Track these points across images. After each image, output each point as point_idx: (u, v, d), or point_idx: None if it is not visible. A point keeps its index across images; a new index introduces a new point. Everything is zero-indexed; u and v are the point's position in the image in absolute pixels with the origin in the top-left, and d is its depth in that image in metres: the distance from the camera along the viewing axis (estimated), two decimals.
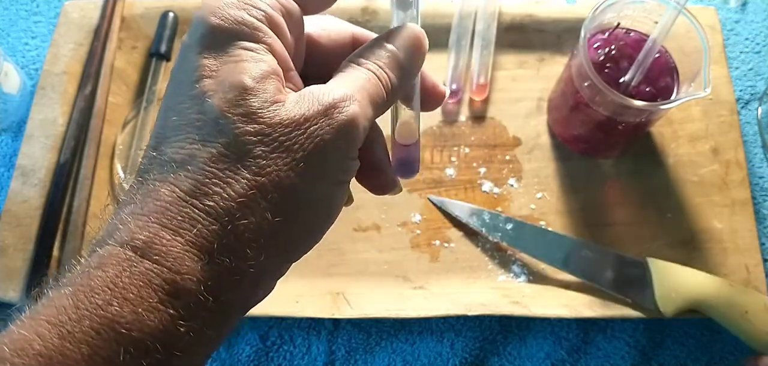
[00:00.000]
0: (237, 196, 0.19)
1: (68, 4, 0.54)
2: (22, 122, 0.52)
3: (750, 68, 0.54)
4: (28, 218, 0.47)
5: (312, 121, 0.19)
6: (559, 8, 0.54)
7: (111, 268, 0.18)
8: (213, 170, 0.19)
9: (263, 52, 0.20)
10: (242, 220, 0.19)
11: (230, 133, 0.19)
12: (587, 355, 0.45)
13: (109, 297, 0.17)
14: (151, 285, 0.17)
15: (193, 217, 0.18)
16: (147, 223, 0.18)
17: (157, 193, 0.19)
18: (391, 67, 0.22)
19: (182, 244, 0.18)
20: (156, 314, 0.17)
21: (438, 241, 0.47)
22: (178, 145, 0.19)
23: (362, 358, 0.45)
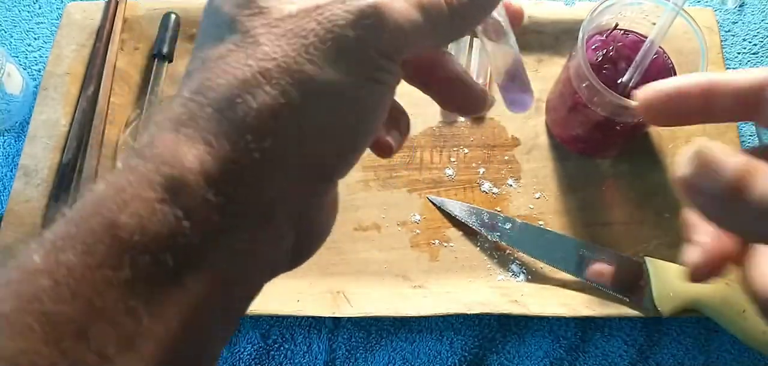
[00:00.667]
0: (239, 82, 0.17)
1: (71, 5, 0.55)
2: (24, 123, 0.53)
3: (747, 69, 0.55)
4: (31, 218, 0.47)
5: (325, 7, 0.18)
6: (557, 10, 0.54)
7: (115, 176, 0.17)
8: (219, 64, 0.18)
9: None
10: (247, 104, 0.17)
11: (239, 29, 0.18)
12: (585, 353, 0.45)
13: (110, 203, 0.16)
14: (150, 185, 0.16)
15: (195, 112, 0.18)
16: (155, 130, 0.18)
17: (171, 102, 0.18)
18: None
19: (183, 139, 0.17)
20: (158, 216, 0.16)
21: (437, 240, 0.48)
22: (195, 56, 0.19)
23: (362, 356, 0.45)
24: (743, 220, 0.18)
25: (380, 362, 0.45)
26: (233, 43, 0.18)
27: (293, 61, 0.18)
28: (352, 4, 0.18)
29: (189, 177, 0.17)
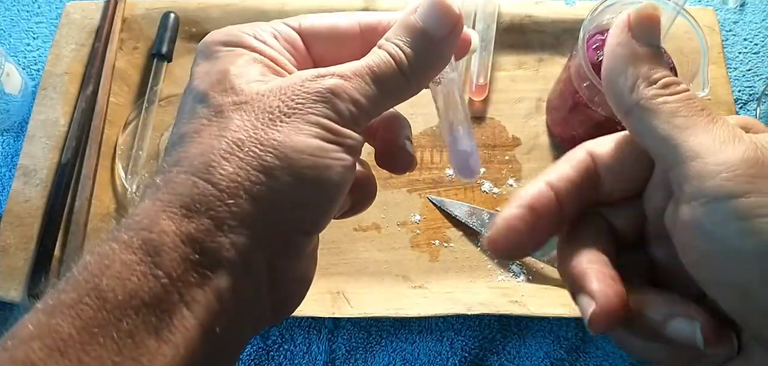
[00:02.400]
0: (213, 151, 0.20)
1: (69, 5, 0.54)
2: (23, 123, 0.53)
3: (748, 69, 0.54)
4: (30, 218, 0.47)
5: (289, 88, 0.21)
6: (558, 9, 0.54)
7: (101, 245, 0.19)
8: (194, 138, 0.20)
9: (249, 51, 0.22)
10: (219, 170, 0.19)
11: (212, 105, 0.21)
12: (586, 354, 0.45)
13: (95, 268, 0.18)
14: (130, 250, 0.18)
15: (172, 179, 0.20)
16: (138, 203, 0.20)
17: (153, 176, 0.20)
18: (406, 39, 0.22)
19: (160, 205, 0.19)
20: (138, 276, 0.18)
21: (437, 240, 0.48)
22: (173, 133, 0.22)
23: (362, 356, 0.45)
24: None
25: (380, 363, 0.45)
26: (207, 119, 0.21)
27: (262, 133, 0.20)
28: (311, 85, 0.21)
29: (165, 238, 0.18)
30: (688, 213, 0.20)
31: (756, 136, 0.20)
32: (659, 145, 0.21)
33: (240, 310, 0.20)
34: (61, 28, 0.53)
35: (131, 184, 0.49)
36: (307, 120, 0.20)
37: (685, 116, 0.20)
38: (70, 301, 0.17)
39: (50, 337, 0.17)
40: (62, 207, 0.47)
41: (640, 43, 0.22)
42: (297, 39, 0.24)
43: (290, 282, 0.23)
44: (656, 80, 0.21)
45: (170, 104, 0.53)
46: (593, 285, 0.21)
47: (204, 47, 0.23)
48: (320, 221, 0.22)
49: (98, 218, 0.48)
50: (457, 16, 0.22)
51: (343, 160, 0.21)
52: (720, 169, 0.19)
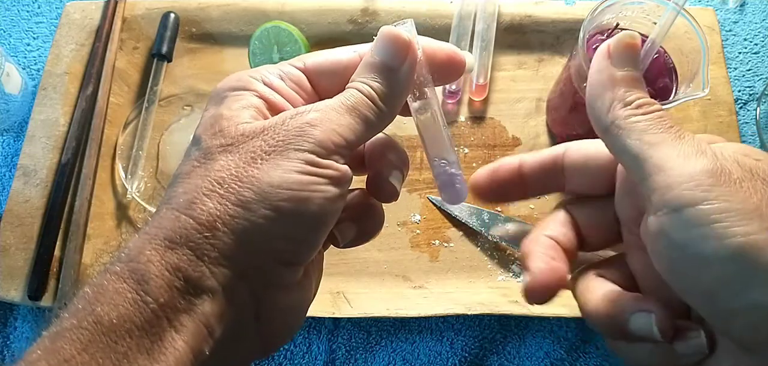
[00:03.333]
0: (197, 190, 0.21)
1: (70, 5, 0.54)
2: (23, 122, 0.53)
3: (748, 69, 0.54)
4: (30, 218, 0.47)
5: (271, 127, 0.22)
6: (558, 9, 0.54)
7: (99, 278, 0.21)
8: (184, 179, 0.22)
9: (249, 95, 0.24)
10: (200, 206, 0.21)
11: (203, 148, 0.23)
12: (586, 354, 0.45)
13: (92, 297, 0.20)
14: (122, 280, 0.20)
15: (160, 217, 0.22)
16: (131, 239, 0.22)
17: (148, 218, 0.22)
18: (370, 75, 0.24)
19: (147, 239, 0.21)
20: (130, 304, 0.19)
21: (438, 240, 0.48)
22: (174, 174, 0.23)
23: (362, 356, 0.45)
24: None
25: (380, 363, 0.45)
26: (197, 161, 0.23)
27: (243, 170, 0.21)
28: (291, 123, 0.22)
29: (151, 267, 0.20)
30: (655, 223, 0.21)
31: (719, 148, 0.21)
32: (630, 160, 0.22)
33: (226, 338, 0.21)
34: (61, 28, 0.53)
35: (131, 184, 0.49)
36: (287, 156, 0.22)
37: (655, 133, 0.22)
38: (70, 326, 0.19)
39: (54, 357, 0.18)
40: (62, 207, 0.47)
41: (618, 69, 0.24)
42: (302, 78, 0.26)
43: (278, 313, 0.24)
44: (630, 101, 0.23)
45: (170, 104, 0.53)
46: (534, 262, 0.25)
47: (214, 93, 0.25)
48: (302, 253, 0.23)
49: (98, 218, 0.48)
50: (406, 42, 0.24)
51: (325, 191, 0.22)
52: (681, 180, 0.20)
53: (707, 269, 0.20)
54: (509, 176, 0.28)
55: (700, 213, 0.19)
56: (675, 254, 0.21)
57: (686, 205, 0.20)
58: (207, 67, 0.54)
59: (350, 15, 0.54)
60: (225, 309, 0.21)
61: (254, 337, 0.23)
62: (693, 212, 0.20)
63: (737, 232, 0.19)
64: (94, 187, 0.48)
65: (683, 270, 0.21)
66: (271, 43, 0.51)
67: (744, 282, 0.19)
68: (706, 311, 0.21)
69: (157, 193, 0.49)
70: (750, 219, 0.19)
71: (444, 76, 0.26)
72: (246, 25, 0.54)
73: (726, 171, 0.20)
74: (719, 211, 0.19)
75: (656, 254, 0.22)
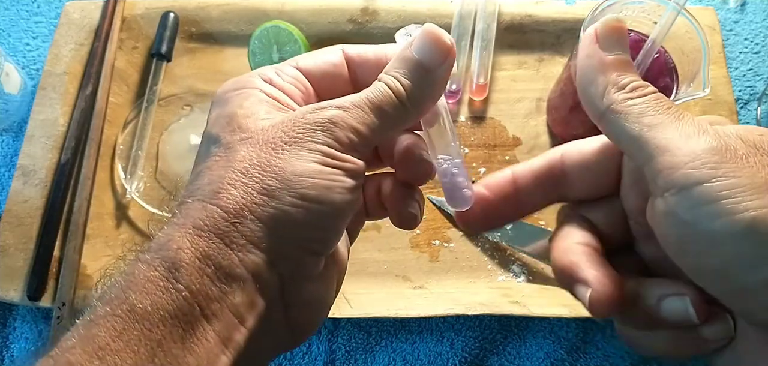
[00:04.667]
0: (222, 181, 0.22)
1: (69, 5, 0.54)
2: (23, 122, 0.53)
3: (749, 69, 0.54)
4: (29, 218, 0.47)
5: (290, 121, 0.23)
6: (558, 9, 0.54)
7: (129, 266, 0.21)
8: (206, 172, 0.23)
9: (257, 93, 0.24)
10: (226, 195, 0.21)
11: (222, 143, 0.23)
12: (586, 354, 0.45)
13: (124, 286, 0.20)
14: (154, 268, 0.20)
15: (186, 206, 0.22)
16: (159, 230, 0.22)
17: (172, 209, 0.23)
18: (403, 71, 0.24)
19: (176, 227, 0.21)
20: (162, 291, 0.20)
21: (438, 240, 0.48)
22: (192, 171, 0.24)
23: (362, 357, 0.45)
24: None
25: (380, 363, 0.45)
26: (217, 155, 0.23)
27: (265, 161, 0.22)
28: (312, 117, 0.23)
29: (182, 255, 0.20)
30: (662, 205, 0.21)
31: (720, 127, 0.21)
32: (631, 144, 0.22)
33: (257, 328, 0.22)
34: (60, 28, 0.53)
35: (130, 184, 0.49)
36: (307, 147, 0.22)
37: (653, 115, 0.22)
38: (104, 313, 0.19)
39: (90, 345, 0.19)
40: (61, 207, 0.47)
41: (608, 52, 0.24)
42: (299, 75, 0.26)
43: (304, 305, 0.24)
44: (624, 85, 0.23)
45: (170, 104, 0.53)
46: (587, 272, 0.23)
47: (217, 97, 0.25)
48: (326, 240, 0.23)
49: (97, 218, 0.48)
50: (448, 46, 0.24)
51: (344, 182, 0.22)
52: (686, 159, 0.20)
53: (719, 247, 0.19)
54: (503, 195, 0.27)
55: (708, 190, 0.19)
56: (684, 234, 0.20)
57: (694, 183, 0.19)
58: (207, 67, 0.54)
59: (350, 14, 0.54)
60: (255, 298, 0.21)
61: (284, 327, 0.24)
62: (701, 190, 0.19)
63: (748, 207, 0.18)
64: (93, 187, 0.48)
65: (694, 250, 0.20)
66: (271, 43, 0.50)
67: (758, 258, 0.19)
68: (719, 291, 0.21)
69: (157, 194, 0.49)
70: (760, 193, 0.19)
71: None
72: (246, 24, 0.54)
73: (731, 148, 0.20)
74: (728, 187, 0.19)
75: (665, 236, 0.22)
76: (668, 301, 0.22)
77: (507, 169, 0.27)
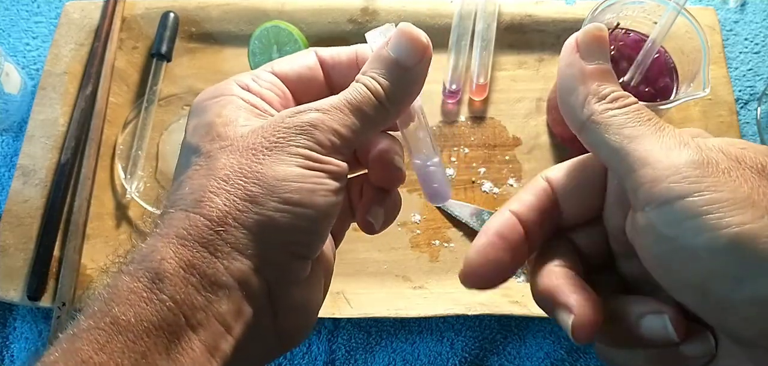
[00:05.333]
0: (204, 189, 0.21)
1: (69, 5, 0.54)
2: (23, 122, 0.53)
3: (749, 68, 0.54)
4: (29, 218, 0.47)
5: (270, 126, 0.23)
6: (558, 9, 0.54)
7: (113, 279, 0.21)
8: (187, 181, 0.22)
9: (235, 99, 0.24)
10: (209, 204, 0.21)
11: (202, 152, 0.23)
12: (586, 354, 0.45)
13: (107, 298, 0.20)
14: (137, 280, 0.20)
15: (169, 217, 0.22)
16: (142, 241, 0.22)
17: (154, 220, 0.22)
18: (380, 71, 0.24)
19: (159, 238, 0.21)
20: (146, 302, 0.19)
21: (438, 241, 0.48)
22: (173, 182, 0.24)
23: (362, 357, 0.45)
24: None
25: (380, 363, 0.45)
26: (198, 164, 0.23)
27: (247, 167, 0.22)
28: (291, 121, 0.22)
29: (165, 265, 0.20)
30: (642, 219, 0.20)
31: (702, 140, 0.21)
32: (611, 156, 0.22)
33: (244, 336, 0.21)
34: (60, 28, 0.53)
35: (130, 184, 0.49)
36: (288, 152, 0.22)
37: (633, 126, 0.21)
38: (87, 327, 0.19)
39: (72, 358, 0.18)
40: (61, 207, 0.47)
41: (588, 62, 0.23)
42: (276, 80, 0.26)
43: (291, 310, 0.24)
44: (605, 95, 0.22)
45: (170, 104, 0.53)
46: (569, 298, 0.22)
47: (194, 106, 0.25)
48: (312, 244, 0.23)
49: (97, 218, 0.48)
50: (424, 44, 0.24)
51: (326, 185, 0.22)
52: (667, 172, 0.19)
53: (700, 263, 0.19)
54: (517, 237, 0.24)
55: (690, 205, 0.19)
56: (665, 249, 0.20)
57: (675, 198, 0.19)
58: (207, 67, 0.54)
59: (350, 14, 0.54)
60: (242, 306, 0.21)
61: (272, 334, 0.23)
62: (683, 205, 0.19)
63: (731, 223, 0.18)
64: (93, 187, 0.48)
65: (674, 265, 0.20)
66: (271, 43, 0.50)
67: (739, 274, 0.18)
68: (699, 307, 0.20)
69: (157, 194, 0.49)
70: (742, 208, 0.18)
71: None
72: (246, 24, 0.54)
73: (712, 161, 0.19)
74: (710, 202, 0.18)
75: (644, 251, 0.21)
76: (647, 319, 0.22)
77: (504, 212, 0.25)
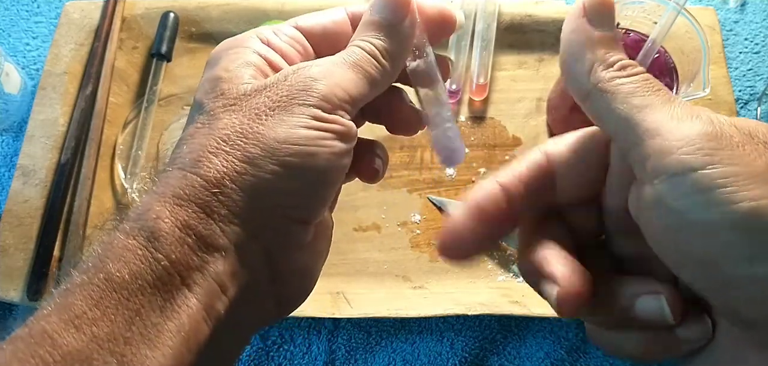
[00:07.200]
0: (203, 149, 0.21)
1: (69, 5, 0.54)
2: (23, 122, 0.53)
3: (749, 68, 0.54)
4: (29, 218, 0.47)
5: (273, 85, 0.22)
6: (558, 8, 0.54)
7: (108, 236, 0.20)
8: (189, 140, 0.22)
9: (247, 52, 0.24)
10: (206, 164, 0.21)
11: (205, 110, 0.23)
12: (586, 354, 0.45)
13: (102, 255, 0.20)
14: (133, 237, 0.20)
15: (167, 175, 0.21)
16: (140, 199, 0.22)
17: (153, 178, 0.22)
18: (371, 34, 0.24)
19: (156, 197, 0.21)
20: (141, 260, 0.19)
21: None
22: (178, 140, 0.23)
23: (362, 357, 0.45)
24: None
25: (380, 363, 0.45)
26: (200, 122, 0.22)
27: (248, 127, 0.21)
28: (294, 78, 0.22)
29: (161, 225, 0.20)
30: (650, 191, 0.20)
31: (712, 114, 0.20)
32: (618, 126, 0.21)
33: (240, 298, 0.21)
34: (60, 28, 0.53)
35: (130, 184, 0.49)
36: (292, 111, 0.21)
37: (643, 96, 0.20)
38: (81, 282, 0.19)
39: (66, 313, 0.18)
40: (61, 207, 0.47)
41: (595, 28, 0.22)
42: (299, 35, 0.26)
43: (291, 275, 0.24)
44: (613, 63, 0.21)
45: (170, 104, 0.53)
46: (554, 268, 0.21)
47: (211, 56, 0.25)
48: (312, 208, 0.23)
49: (97, 218, 0.48)
50: (405, 1, 0.24)
51: (331, 147, 0.22)
52: (679, 144, 0.19)
53: (709, 237, 0.18)
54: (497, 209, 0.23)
55: (703, 177, 0.18)
56: (673, 223, 0.19)
57: (688, 169, 0.18)
58: None
59: None
60: (238, 268, 0.21)
61: (269, 298, 0.23)
62: (696, 177, 0.18)
63: (745, 197, 0.17)
64: (93, 187, 0.48)
65: (682, 240, 0.19)
66: None
67: (751, 250, 0.18)
68: (704, 284, 0.20)
69: None
70: (757, 182, 0.17)
71: (437, 33, 0.26)
72: (246, 24, 0.54)
73: (726, 134, 0.19)
74: (725, 175, 0.18)
75: (650, 225, 0.20)
76: (642, 299, 0.21)
77: (491, 181, 0.24)
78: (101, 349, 0.18)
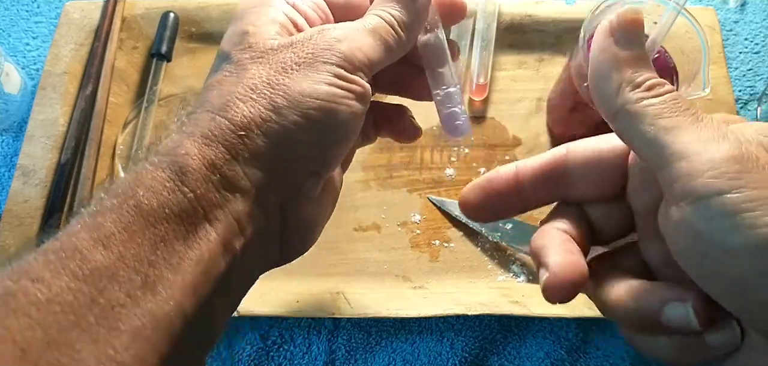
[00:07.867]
0: (231, 95, 0.23)
1: (69, 5, 0.54)
2: (23, 122, 0.53)
3: (749, 68, 0.54)
4: (29, 218, 0.47)
5: (299, 42, 0.24)
6: (558, 9, 0.54)
7: (138, 166, 0.22)
8: (216, 86, 0.23)
9: (273, 11, 0.25)
10: (234, 109, 0.22)
11: (233, 60, 0.24)
12: (586, 354, 0.45)
13: (132, 183, 0.21)
14: (161, 170, 0.21)
15: (196, 116, 0.23)
16: (168, 136, 0.23)
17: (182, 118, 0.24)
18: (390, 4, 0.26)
19: (185, 135, 0.22)
20: (168, 192, 0.21)
21: (438, 240, 0.48)
22: (204, 86, 0.25)
23: (362, 357, 0.45)
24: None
25: (380, 363, 0.45)
26: (228, 71, 0.24)
27: (274, 78, 0.23)
28: (319, 38, 0.24)
29: (189, 161, 0.21)
30: (677, 213, 0.20)
31: (740, 130, 0.20)
32: (646, 147, 0.21)
33: (254, 239, 0.23)
34: (60, 28, 0.53)
35: None
36: (316, 68, 0.23)
37: (670, 117, 0.21)
38: (111, 205, 0.20)
39: (95, 232, 0.19)
40: (61, 207, 0.47)
41: (623, 48, 0.22)
42: (321, 1, 0.27)
43: (297, 225, 0.25)
44: (640, 83, 0.22)
45: (170, 104, 0.53)
46: (549, 258, 0.23)
47: (237, 10, 0.26)
48: (325, 162, 0.24)
49: None
50: None
51: (351, 106, 0.23)
52: (706, 167, 0.19)
53: (736, 261, 0.18)
54: (505, 189, 0.26)
55: (728, 202, 0.18)
56: (699, 246, 0.20)
57: (713, 194, 0.19)
58: (207, 67, 0.53)
59: None
60: (255, 210, 0.22)
61: (276, 244, 0.25)
62: (720, 201, 0.18)
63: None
64: (93, 187, 0.48)
65: (708, 261, 0.20)
66: None
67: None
68: (732, 303, 0.20)
69: None
70: None
71: (448, 15, 0.28)
72: None
73: (752, 156, 0.19)
74: (749, 200, 0.18)
75: (677, 245, 0.21)
76: (670, 306, 0.22)
77: (511, 165, 0.27)
78: (127, 267, 0.19)
